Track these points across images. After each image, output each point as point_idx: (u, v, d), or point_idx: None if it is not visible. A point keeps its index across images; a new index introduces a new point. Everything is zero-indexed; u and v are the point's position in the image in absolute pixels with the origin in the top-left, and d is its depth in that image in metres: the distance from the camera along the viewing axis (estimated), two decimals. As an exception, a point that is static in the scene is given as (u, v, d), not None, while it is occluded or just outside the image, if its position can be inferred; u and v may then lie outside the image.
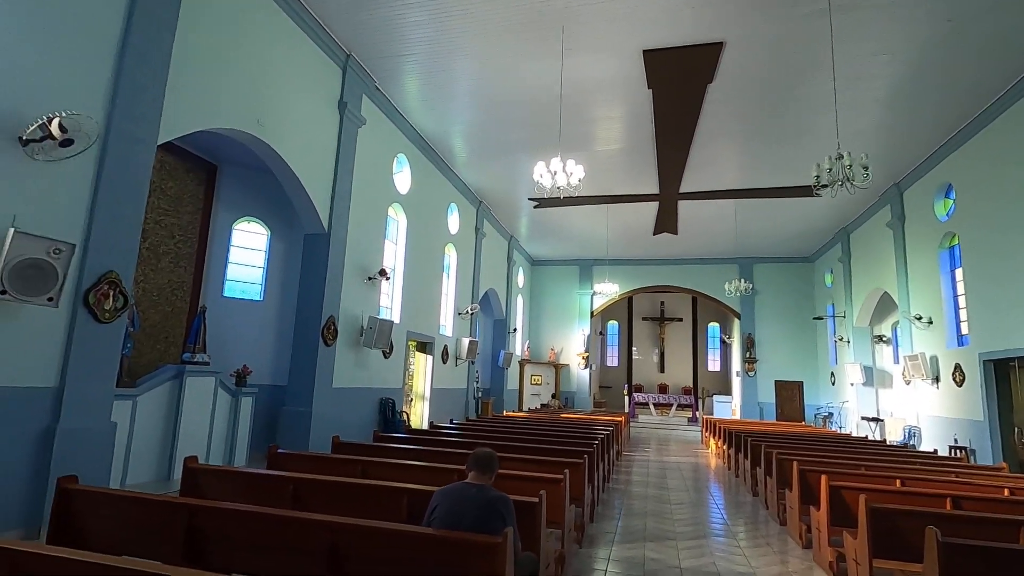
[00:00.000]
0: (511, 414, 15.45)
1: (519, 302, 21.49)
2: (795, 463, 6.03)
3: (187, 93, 6.16)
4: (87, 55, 5.07)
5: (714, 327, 28.14)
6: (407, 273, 12.02)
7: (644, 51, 8.70)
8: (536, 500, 3.34)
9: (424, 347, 13.30)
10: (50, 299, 4.44)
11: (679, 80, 9.40)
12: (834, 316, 18.29)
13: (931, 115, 10.21)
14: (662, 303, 27.80)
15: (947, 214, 11.55)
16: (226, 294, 9.11)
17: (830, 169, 6.65)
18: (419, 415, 13.12)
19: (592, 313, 22.75)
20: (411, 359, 12.73)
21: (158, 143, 5.79)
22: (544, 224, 18.27)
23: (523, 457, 5.66)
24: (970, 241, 10.61)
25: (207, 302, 8.61)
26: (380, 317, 10.18)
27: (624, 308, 27.68)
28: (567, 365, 22.47)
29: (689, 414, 22.83)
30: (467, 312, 15.29)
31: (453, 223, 14.70)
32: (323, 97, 8.75)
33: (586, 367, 22.24)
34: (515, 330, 20.40)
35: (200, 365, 7.26)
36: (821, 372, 19.86)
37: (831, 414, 18.12)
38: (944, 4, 7.35)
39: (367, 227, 10.16)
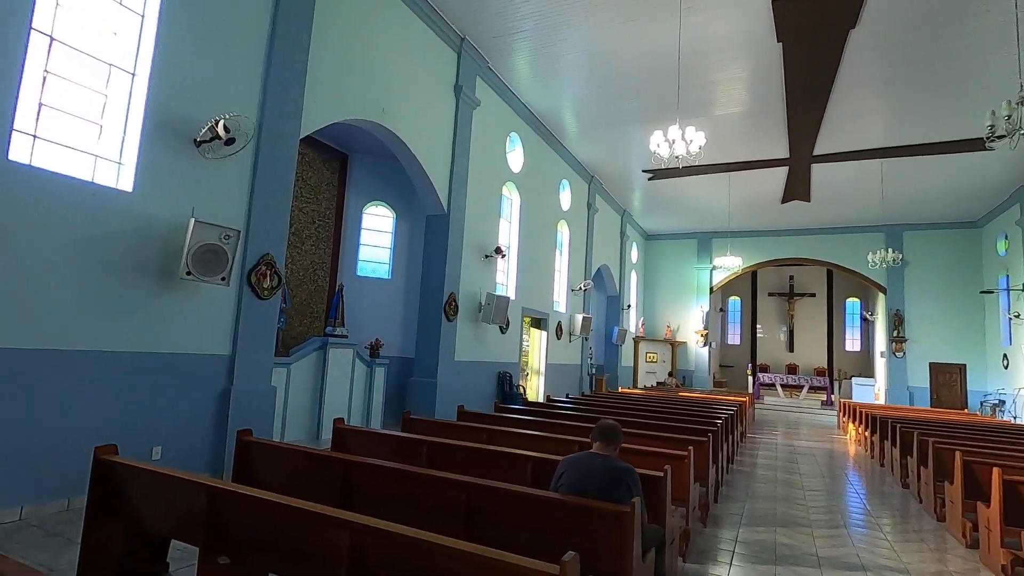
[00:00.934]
0: (626, 391, 15.30)
1: (633, 278, 21.03)
2: (957, 453, 5.36)
3: (322, 89, 6.71)
4: (243, 63, 5.69)
5: (853, 303, 25.52)
6: (521, 250, 12.24)
7: (773, 2, 7.96)
8: (661, 475, 3.31)
9: (538, 323, 13.53)
10: (223, 279, 5.13)
11: (814, 29, 8.50)
12: (1008, 289, 15.74)
13: None
14: (791, 277, 25.71)
15: None
16: (359, 273, 9.92)
17: (1008, 116, 5.68)
18: (534, 389, 13.44)
19: (711, 289, 21.66)
20: (526, 335, 13.02)
21: (300, 137, 6.39)
22: (659, 197, 17.60)
23: (643, 433, 5.61)
24: None
25: (343, 280, 9.45)
26: (497, 294, 10.51)
27: (747, 283, 26.02)
28: (684, 343, 21.69)
29: (823, 397, 21.05)
30: (580, 288, 15.27)
31: (565, 199, 14.67)
32: (440, 82, 9.09)
33: (705, 345, 21.31)
34: (629, 306, 20.04)
35: (340, 338, 8.01)
36: (990, 354, 17.27)
37: (1002, 402, 15.74)
38: None
39: (483, 206, 10.47)
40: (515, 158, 11.96)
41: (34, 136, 4.34)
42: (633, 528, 2.43)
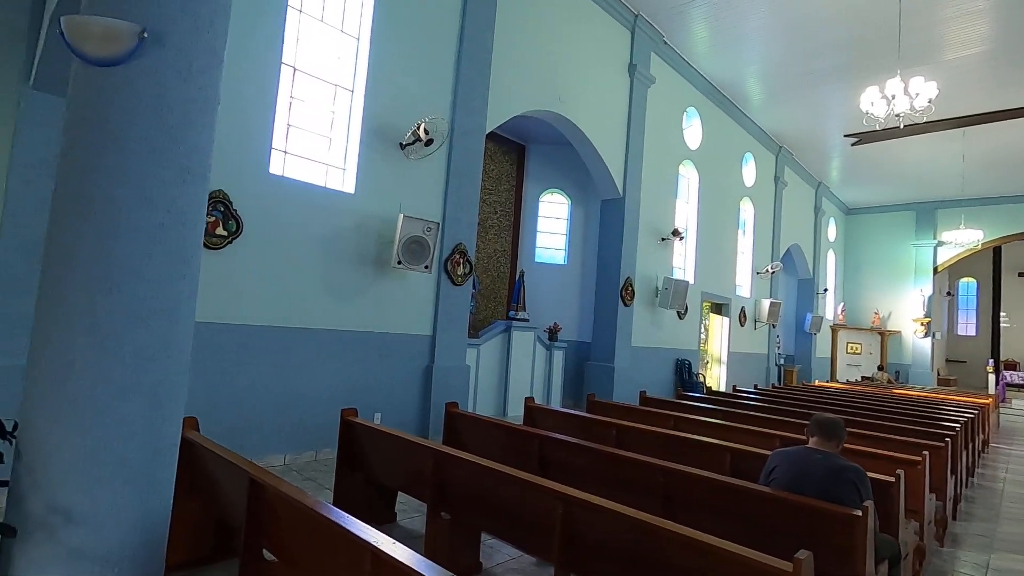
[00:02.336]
0: (823, 384, 13.69)
1: (830, 258, 18.62)
2: None
3: (503, 85, 7.04)
4: (437, 69, 6.23)
5: None
6: (700, 232, 11.58)
7: (1037, -95, 6.34)
8: (892, 480, 2.91)
9: (719, 309, 12.72)
10: (426, 267, 5.72)
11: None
12: None
13: None
14: (1053, 253, 20.53)
15: None
16: (537, 259, 10.29)
17: None
18: (715, 379, 12.70)
19: (935, 269, 18.23)
20: (705, 321, 12.34)
21: (486, 132, 6.80)
22: (864, 164, 15.25)
23: (857, 432, 4.98)
24: None
25: (523, 267, 9.88)
26: (674, 278, 10.11)
27: (986, 261, 21.39)
28: (897, 332, 18.64)
29: (1102, 404, 16.51)
30: (767, 271, 13.97)
31: (748, 175, 13.49)
32: (614, 63, 8.94)
33: (926, 335, 18.07)
34: (825, 291, 17.80)
35: (522, 322, 8.42)
36: None
37: None
38: None
39: (659, 188, 10.11)
40: (692, 134, 11.31)
41: (284, 152, 5.26)
42: (867, 534, 2.18)
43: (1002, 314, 21.48)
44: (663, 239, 10.14)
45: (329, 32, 5.54)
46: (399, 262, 5.52)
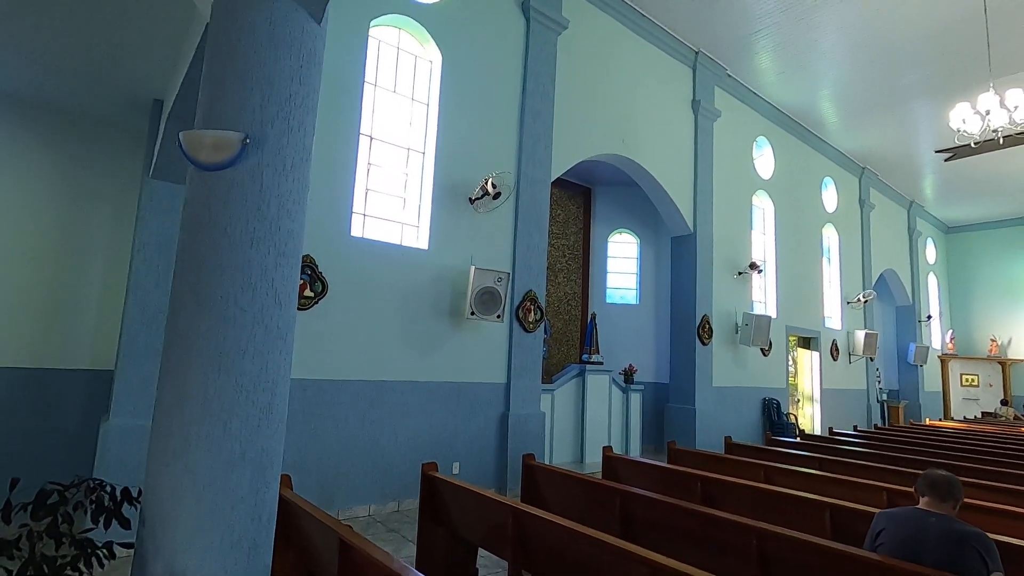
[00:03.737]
0: (935, 423, 12.40)
1: (931, 282, 17.13)
2: None
3: (567, 133, 7.21)
4: (502, 125, 6.50)
5: None
6: (780, 263, 11.07)
7: None
8: (1025, 544, 2.59)
9: (807, 343, 11.96)
10: (498, 316, 5.83)
11: None
12: None
13: None
14: None
15: None
16: (608, 300, 10.20)
17: None
18: (808, 418, 11.83)
19: (1061, 288, 16.30)
20: (793, 356, 11.63)
21: (551, 180, 6.95)
22: (961, 179, 14.10)
23: (978, 482, 4.47)
24: None
25: (594, 309, 9.82)
26: (754, 313, 9.67)
27: (1124, 277, 18.83)
28: (1021, 360, 16.66)
29: None
30: (858, 300, 13.04)
31: (829, 199, 12.83)
32: (677, 101, 8.94)
33: (1057, 363, 16.03)
34: (929, 318, 16.31)
35: (596, 364, 8.31)
36: None
37: None
38: None
39: (732, 221, 9.83)
40: (764, 163, 10.98)
41: (364, 215, 5.63)
42: (998, 613, 1.94)
43: None
44: (740, 273, 9.78)
45: (401, 101, 5.96)
46: (472, 313, 5.67)
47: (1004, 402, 16.09)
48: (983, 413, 15.84)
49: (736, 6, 7.94)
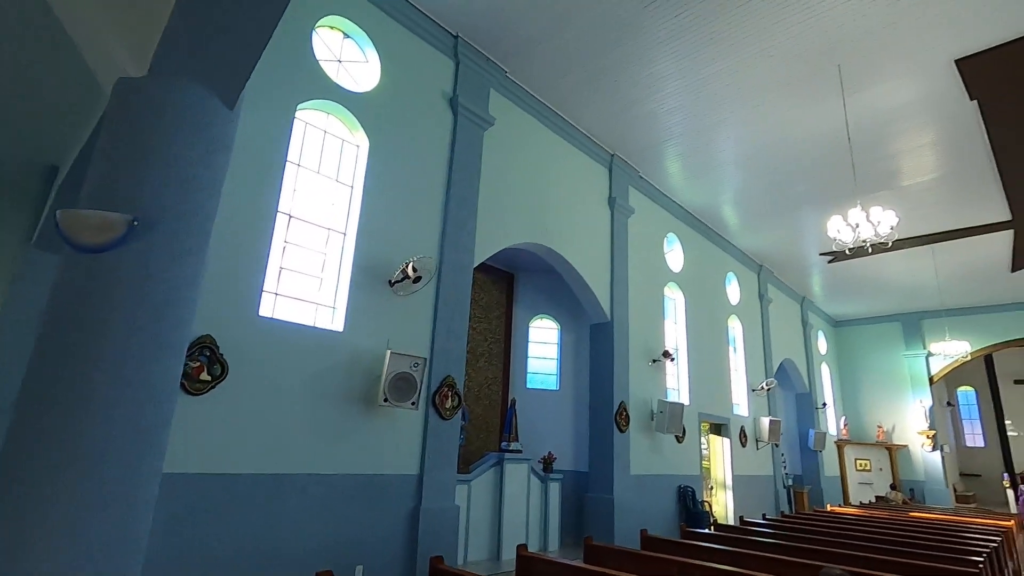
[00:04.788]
0: (836, 509, 12.96)
1: (824, 371, 18.54)
2: None
3: (491, 221, 7.43)
4: (426, 210, 6.59)
5: None
6: (691, 351, 11.62)
7: (956, 61, 7.22)
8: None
9: (719, 429, 12.38)
10: (413, 403, 5.61)
11: (1017, 79, 7.44)
12: None
13: None
14: (1044, 359, 20.61)
15: None
16: (529, 386, 10.17)
17: None
18: (722, 505, 12.01)
19: (931, 379, 18.13)
20: (705, 442, 11.95)
21: (473, 266, 7.05)
22: (844, 279, 15.78)
23: (874, 575, 4.62)
24: None
25: (515, 394, 9.73)
26: (669, 400, 9.96)
27: (981, 370, 21.36)
28: (904, 446, 18.06)
29: None
30: (762, 388, 13.82)
31: (733, 293, 13.85)
32: (594, 197, 9.54)
33: (934, 448, 17.50)
34: (824, 405, 17.49)
35: (515, 453, 8.11)
36: None
37: None
38: None
39: (646, 310, 10.31)
40: (675, 258, 11.78)
41: (276, 294, 5.38)
42: None
43: (1007, 422, 21.03)
44: (654, 361, 10.13)
45: (325, 182, 5.94)
46: (385, 399, 5.43)
47: (892, 487, 17.20)
48: (876, 497, 16.81)
49: (647, 117, 8.78)
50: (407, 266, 5.83)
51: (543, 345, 10.51)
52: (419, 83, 6.80)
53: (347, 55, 6.31)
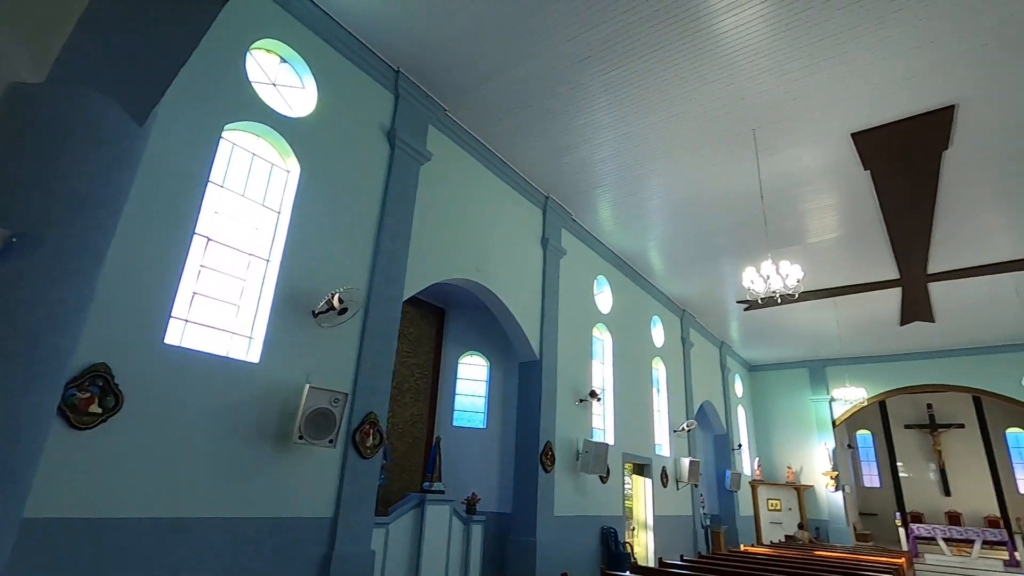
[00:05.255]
0: (750, 549, 13.39)
1: (740, 413, 19.43)
2: None
3: (423, 255, 7.37)
4: (357, 240, 6.45)
5: (1016, 434, 21.71)
6: (617, 392, 11.86)
7: (852, 134, 8.04)
8: None
9: (641, 469, 12.60)
10: (331, 441, 5.34)
11: (904, 154, 8.37)
12: None
13: None
14: (929, 406, 22.63)
15: None
16: (455, 423, 9.96)
17: None
18: (643, 545, 12.12)
19: (834, 423, 19.41)
20: (629, 483, 12.10)
21: (403, 299, 6.92)
22: (758, 326, 16.80)
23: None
24: None
25: (440, 431, 9.49)
26: (594, 440, 10.05)
27: (876, 415, 23.12)
28: (811, 486, 19.07)
29: (1004, 555, 17.15)
30: (683, 429, 14.27)
31: (658, 336, 14.37)
32: (528, 236, 9.71)
33: (836, 489, 18.58)
34: (740, 446, 18.27)
35: (437, 494, 7.84)
36: None
37: None
38: None
39: (575, 350, 10.47)
40: (604, 299, 12.12)
41: (186, 320, 5.03)
42: None
43: (899, 464, 22.74)
44: (581, 400, 10.25)
45: (250, 206, 5.69)
46: (300, 437, 5.13)
47: (800, 526, 18.04)
48: (786, 536, 17.54)
49: (581, 164, 9.13)
50: (333, 297, 5.64)
51: (472, 382, 10.38)
52: (357, 113, 6.76)
53: (283, 79, 6.19)
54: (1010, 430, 21.79)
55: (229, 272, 5.44)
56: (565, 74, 7.19)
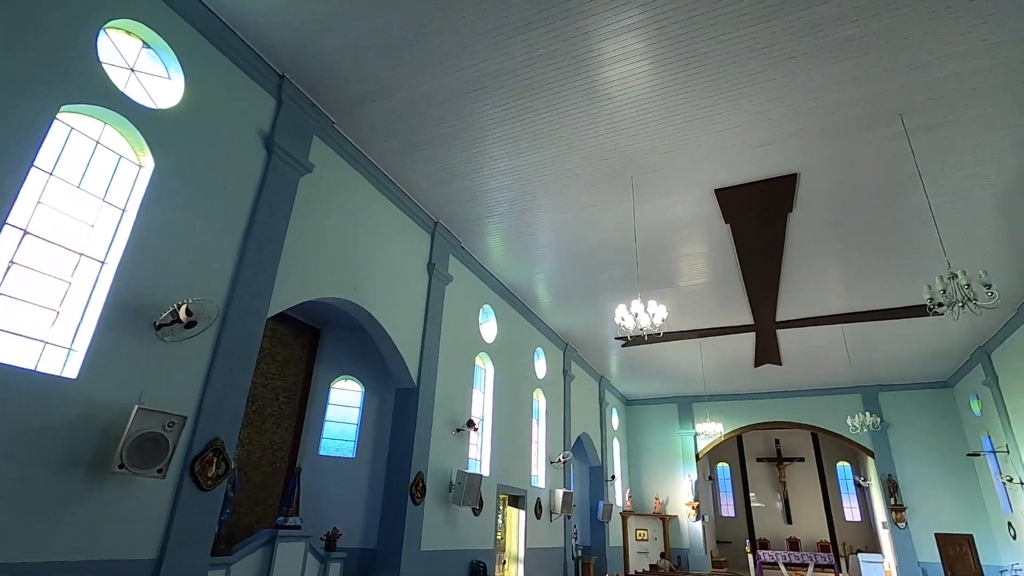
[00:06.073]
0: (616, 578, 13.77)
1: (615, 446, 20.23)
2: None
3: (296, 269, 6.92)
4: (219, 247, 5.90)
5: (844, 467, 24.66)
6: (496, 422, 11.82)
7: (715, 190, 8.86)
8: None
9: (516, 501, 12.57)
10: (160, 471, 4.71)
11: (757, 213, 9.35)
12: (994, 451, 15.43)
13: (1056, 220, 9.26)
14: (777, 441, 25.08)
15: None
16: (322, 452, 9.32)
17: (944, 290, 6.03)
18: (514, 580, 12.00)
19: (697, 456, 20.82)
20: (502, 515, 12.00)
21: (269, 315, 6.41)
22: (635, 362, 17.73)
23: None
24: None
25: (304, 461, 8.83)
26: (469, 471, 9.88)
27: (733, 448, 25.17)
28: (675, 516, 20.18)
29: (832, 577, 19.19)
30: (559, 460, 14.52)
31: (540, 367, 14.64)
32: (413, 260, 9.52)
33: (697, 519, 19.82)
34: (613, 477, 18.95)
35: (292, 529, 7.21)
36: (995, 522, 16.32)
37: (1023, 579, 14.45)
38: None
39: (455, 378, 10.32)
40: (488, 329, 12.14)
41: (-17, 325, 4.25)
42: None
43: (751, 494, 24.81)
44: (458, 430, 10.07)
45: (87, 199, 5.01)
46: (121, 466, 4.47)
47: (662, 555, 18.92)
48: (651, 566, 18.30)
49: (472, 192, 9.18)
50: (180, 308, 5.07)
51: (344, 408, 9.83)
52: (230, 114, 6.28)
53: (144, 66, 5.62)
54: (840, 463, 24.70)
55: (50, 272, 4.71)
56: (459, 101, 7.25)
